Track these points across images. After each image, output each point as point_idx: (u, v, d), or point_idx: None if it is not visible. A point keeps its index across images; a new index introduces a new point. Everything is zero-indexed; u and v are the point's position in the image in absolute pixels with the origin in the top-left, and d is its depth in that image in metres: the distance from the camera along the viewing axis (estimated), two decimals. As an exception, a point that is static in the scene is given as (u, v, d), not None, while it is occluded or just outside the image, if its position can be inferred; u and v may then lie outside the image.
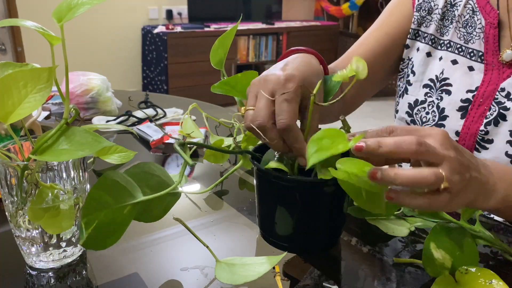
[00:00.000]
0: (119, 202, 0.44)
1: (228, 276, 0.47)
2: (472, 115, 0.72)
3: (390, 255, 0.55)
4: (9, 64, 0.46)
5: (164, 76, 3.51)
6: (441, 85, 0.76)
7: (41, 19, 0.69)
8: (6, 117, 0.42)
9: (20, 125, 0.78)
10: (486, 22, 0.73)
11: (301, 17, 4.48)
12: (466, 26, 0.75)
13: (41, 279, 0.49)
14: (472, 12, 0.75)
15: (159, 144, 0.92)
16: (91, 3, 0.45)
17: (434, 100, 0.76)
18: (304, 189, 0.51)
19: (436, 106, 0.76)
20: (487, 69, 0.72)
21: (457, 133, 0.73)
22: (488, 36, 0.72)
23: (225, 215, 0.64)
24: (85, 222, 0.42)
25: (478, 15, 0.74)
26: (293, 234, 0.54)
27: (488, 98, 0.71)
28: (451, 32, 0.77)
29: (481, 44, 0.73)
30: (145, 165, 0.48)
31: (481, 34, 0.73)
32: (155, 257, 0.54)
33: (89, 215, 0.42)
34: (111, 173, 0.44)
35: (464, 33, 0.75)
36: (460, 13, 0.76)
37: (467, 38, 0.75)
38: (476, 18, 0.74)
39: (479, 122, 0.71)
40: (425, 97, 0.78)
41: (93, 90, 1.06)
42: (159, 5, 3.73)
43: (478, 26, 0.74)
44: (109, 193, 0.43)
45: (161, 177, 0.48)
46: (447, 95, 0.75)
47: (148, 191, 0.47)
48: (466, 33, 0.75)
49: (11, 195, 0.47)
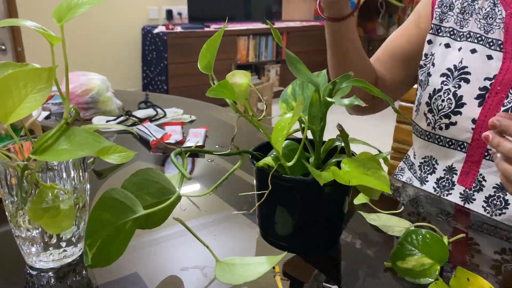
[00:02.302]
0: (120, 218, 0.43)
1: (228, 276, 0.47)
2: (490, 103, 0.72)
3: (389, 256, 0.55)
4: (9, 64, 0.46)
5: (164, 76, 3.51)
6: (460, 73, 0.77)
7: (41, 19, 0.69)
8: (6, 117, 0.42)
9: (20, 125, 0.78)
10: (507, 13, 0.74)
11: (301, 17, 4.48)
12: (486, 18, 0.76)
13: (41, 279, 0.49)
14: (493, 5, 0.76)
15: (159, 144, 0.92)
16: (91, 3, 0.45)
17: (451, 88, 0.77)
18: (304, 189, 0.51)
19: (452, 94, 0.77)
20: (505, 58, 0.73)
21: (474, 120, 0.73)
22: (508, 26, 0.73)
23: (225, 215, 0.64)
24: (88, 244, 0.42)
25: (499, 6, 0.75)
26: (293, 234, 0.54)
27: (506, 86, 0.71)
28: (471, 23, 0.78)
29: (501, 34, 0.74)
30: (144, 173, 0.48)
31: (501, 25, 0.74)
32: (155, 257, 0.54)
33: (91, 236, 0.42)
34: (110, 191, 0.43)
35: (484, 24, 0.76)
36: (481, 6, 0.78)
37: (487, 28, 0.76)
38: (497, 9, 0.75)
39: (497, 110, 0.71)
40: (441, 85, 0.79)
41: (93, 90, 1.06)
42: (159, 5, 3.73)
43: (499, 17, 0.75)
44: (110, 211, 0.43)
45: (160, 183, 0.48)
46: (466, 83, 0.76)
47: (149, 199, 0.47)
48: (487, 24, 0.76)
49: (11, 195, 0.47)
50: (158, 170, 0.49)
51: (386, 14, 4.35)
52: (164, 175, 0.50)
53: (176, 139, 0.94)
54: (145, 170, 0.48)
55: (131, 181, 0.47)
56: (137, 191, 0.46)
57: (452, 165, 0.79)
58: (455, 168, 0.78)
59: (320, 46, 4.19)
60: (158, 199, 0.48)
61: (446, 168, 0.80)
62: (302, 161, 0.52)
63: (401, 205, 0.69)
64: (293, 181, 0.51)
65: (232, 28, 3.72)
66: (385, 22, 4.40)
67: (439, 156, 0.81)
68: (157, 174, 0.49)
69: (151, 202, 0.48)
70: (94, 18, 3.39)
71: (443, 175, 0.80)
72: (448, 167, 0.79)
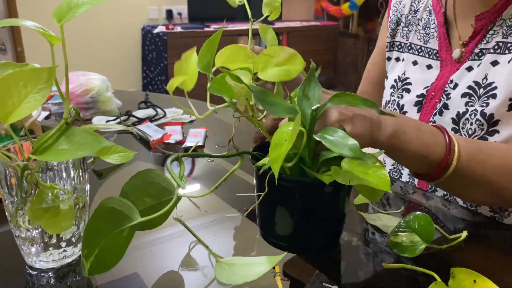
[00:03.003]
0: (117, 227, 0.43)
1: (228, 276, 0.47)
2: (425, 108, 0.77)
3: (390, 255, 0.55)
4: (9, 64, 0.46)
5: (164, 76, 3.51)
6: (402, 84, 0.82)
7: (41, 19, 0.69)
8: (6, 117, 0.42)
9: (20, 125, 0.78)
10: (437, 21, 0.78)
11: (301, 17, 4.48)
12: (425, 28, 0.81)
13: (41, 279, 0.49)
14: (429, 14, 0.80)
15: (159, 144, 0.92)
16: (91, 3, 0.45)
17: (395, 99, 0.82)
18: (304, 189, 0.51)
19: (396, 104, 0.81)
20: (442, 65, 0.77)
21: None
22: (439, 34, 0.78)
23: (225, 215, 0.64)
24: (85, 255, 0.41)
25: (432, 15, 0.80)
26: (293, 234, 0.54)
27: (439, 91, 0.75)
28: (412, 35, 0.83)
29: (436, 43, 0.78)
30: (143, 174, 0.48)
31: (435, 34, 0.78)
32: (155, 257, 0.54)
33: (88, 246, 0.41)
34: (107, 201, 0.43)
35: (423, 34, 0.81)
36: (420, 16, 0.82)
37: (426, 38, 0.80)
38: (431, 19, 0.80)
39: (430, 114, 0.75)
40: (390, 96, 0.84)
41: (93, 90, 1.06)
42: (159, 5, 3.73)
43: (432, 26, 0.79)
44: (106, 221, 0.42)
45: (160, 184, 0.48)
46: (407, 93, 0.80)
47: (149, 201, 0.47)
48: (425, 34, 0.80)
49: (11, 195, 0.47)
50: (158, 171, 0.49)
51: (386, 14, 4.35)
52: (164, 175, 0.50)
53: (176, 139, 0.94)
54: (145, 171, 0.48)
55: (131, 183, 0.47)
56: (136, 193, 0.47)
57: None
58: None
59: (320, 46, 4.19)
60: (158, 200, 0.48)
61: (409, 172, 0.83)
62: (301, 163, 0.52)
63: (401, 205, 0.69)
64: (293, 181, 0.51)
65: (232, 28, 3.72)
66: (385, 22, 4.40)
67: None
68: (157, 174, 0.49)
69: (151, 203, 0.48)
70: (94, 18, 3.39)
71: (408, 179, 0.83)
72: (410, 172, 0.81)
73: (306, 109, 0.50)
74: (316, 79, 0.52)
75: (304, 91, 0.51)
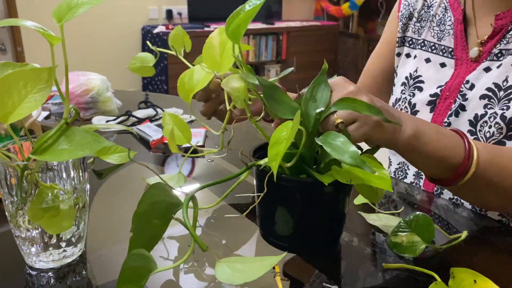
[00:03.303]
0: (140, 282, 0.45)
1: (228, 276, 0.47)
2: (439, 108, 0.75)
3: (390, 256, 0.55)
4: (9, 64, 0.46)
5: (164, 76, 3.51)
6: (414, 82, 0.80)
7: (41, 19, 0.69)
8: (6, 117, 0.42)
9: (20, 125, 0.78)
10: (455, 18, 0.76)
11: (301, 17, 4.48)
12: (439, 25, 0.78)
13: (41, 279, 0.49)
14: (444, 11, 0.78)
15: (159, 144, 0.92)
16: (91, 3, 0.45)
17: (407, 97, 0.80)
18: (304, 189, 0.51)
19: (408, 102, 0.79)
20: (457, 64, 0.75)
21: None
22: (456, 32, 0.75)
23: (225, 215, 0.64)
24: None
25: (449, 12, 0.77)
26: (293, 234, 0.54)
27: (454, 91, 0.73)
28: (425, 31, 0.81)
29: (451, 41, 0.76)
30: (148, 196, 0.47)
31: (451, 31, 0.76)
32: (155, 257, 0.54)
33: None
34: (128, 261, 0.44)
35: (437, 31, 0.78)
36: (434, 12, 0.80)
37: (440, 36, 0.78)
38: (447, 15, 0.77)
39: (444, 115, 0.73)
40: (401, 94, 0.82)
41: (93, 90, 1.06)
42: (159, 5, 3.73)
43: (448, 23, 0.77)
44: (131, 281, 0.44)
45: (166, 201, 0.48)
46: (419, 91, 0.78)
47: (157, 221, 0.48)
48: (439, 31, 0.78)
49: (11, 195, 0.47)
50: (161, 185, 0.48)
51: (386, 14, 4.34)
52: (166, 188, 0.49)
53: (176, 139, 0.94)
54: (149, 191, 0.47)
55: (139, 211, 0.47)
56: (145, 221, 0.47)
57: (418, 170, 0.80)
58: (421, 173, 0.80)
59: (320, 46, 4.19)
60: (166, 218, 0.49)
61: (414, 173, 0.82)
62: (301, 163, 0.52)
63: (402, 205, 0.69)
64: (293, 181, 0.51)
65: (232, 28, 3.72)
66: (385, 22, 4.40)
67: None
68: (161, 190, 0.48)
69: (160, 223, 0.48)
70: (94, 18, 3.38)
71: (412, 180, 0.82)
72: (416, 172, 0.81)
73: (311, 111, 0.50)
74: (327, 81, 0.52)
75: (313, 92, 0.51)
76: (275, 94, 0.50)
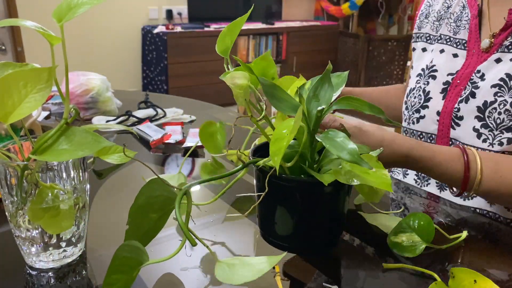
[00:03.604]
0: (131, 272, 0.46)
1: (228, 276, 0.47)
2: (450, 95, 0.78)
3: (390, 256, 0.55)
4: (9, 64, 0.46)
5: (164, 76, 3.51)
6: (429, 71, 0.83)
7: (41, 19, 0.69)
8: (6, 117, 0.42)
9: (20, 125, 0.78)
10: (471, 14, 0.80)
11: (301, 17, 4.48)
12: (456, 21, 0.83)
13: (41, 279, 0.49)
14: (462, 8, 0.82)
15: (159, 144, 0.92)
16: (91, 3, 0.45)
17: (421, 85, 0.83)
18: (304, 189, 0.51)
19: (422, 90, 0.83)
20: (468, 55, 0.78)
21: (438, 112, 0.79)
22: (471, 26, 0.79)
23: (225, 215, 0.64)
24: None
25: (466, 9, 0.81)
26: (293, 234, 0.54)
27: (464, 79, 0.77)
28: (443, 27, 0.85)
29: (466, 34, 0.80)
30: (147, 189, 0.48)
31: (467, 25, 0.80)
32: (155, 257, 0.54)
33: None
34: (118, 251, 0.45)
35: (454, 26, 0.83)
36: (453, 10, 0.84)
37: (456, 30, 0.82)
38: (464, 12, 0.81)
39: (454, 101, 0.76)
40: (416, 84, 0.85)
41: (93, 90, 1.06)
42: (159, 5, 3.73)
43: (465, 19, 0.81)
44: (121, 271, 0.45)
45: (163, 195, 0.49)
46: (433, 80, 0.82)
47: (154, 216, 0.49)
48: (456, 26, 0.82)
49: (11, 195, 0.47)
50: (160, 180, 0.49)
51: (386, 14, 4.34)
52: (165, 183, 0.49)
53: (176, 139, 0.94)
54: (148, 185, 0.48)
55: (136, 205, 0.48)
56: (142, 214, 0.48)
57: None
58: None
59: (320, 46, 4.19)
60: (163, 211, 0.49)
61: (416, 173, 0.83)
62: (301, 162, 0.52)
63: (402, 205, 0.69)
64: (293, 181, 0.51)
65: (232, 28, 3.71)
66: (385, 22, 4.40)
67: None
68: (159, 185, 0.49)
69: (157, 217, 0.49)
70: (94, 18, 3.39)
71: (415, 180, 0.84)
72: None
73: (313, 110, 0.50)
74: (331, 81, 0.52)
75: (316, 91, 0.51)
76: (276, 92, 0.50)
